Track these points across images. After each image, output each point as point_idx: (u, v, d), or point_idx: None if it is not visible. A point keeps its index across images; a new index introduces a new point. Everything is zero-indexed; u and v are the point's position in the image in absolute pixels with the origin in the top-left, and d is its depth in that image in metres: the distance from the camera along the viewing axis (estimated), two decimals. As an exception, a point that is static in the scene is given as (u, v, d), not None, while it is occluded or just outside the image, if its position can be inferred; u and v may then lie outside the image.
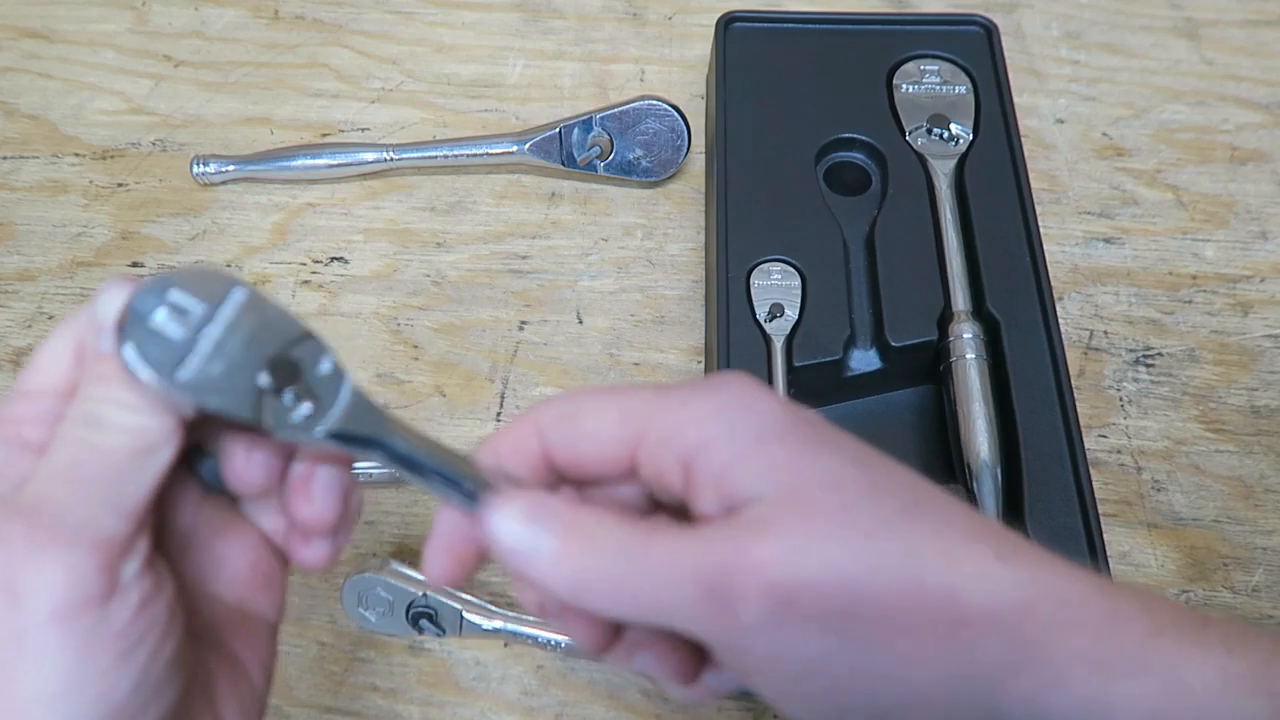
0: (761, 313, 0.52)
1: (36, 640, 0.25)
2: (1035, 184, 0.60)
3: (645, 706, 0.47)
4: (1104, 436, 0.54)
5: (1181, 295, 0.59)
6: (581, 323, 0.59)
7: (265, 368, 0.27)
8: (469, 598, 0.48)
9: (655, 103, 0.60)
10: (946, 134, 0.58)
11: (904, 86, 0.60)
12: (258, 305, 0.28)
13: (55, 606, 0.25)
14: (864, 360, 0.53)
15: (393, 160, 0.63)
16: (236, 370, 0.27)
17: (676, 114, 0.61)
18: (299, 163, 0.63)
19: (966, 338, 0.51)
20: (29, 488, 0.27)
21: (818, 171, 0.58)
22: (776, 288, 0.53)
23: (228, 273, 0.28)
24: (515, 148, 0.62)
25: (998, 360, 0.51)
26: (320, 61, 0.71)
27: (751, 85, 0.60)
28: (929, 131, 0.58)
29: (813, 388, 0.52)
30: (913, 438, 0.53)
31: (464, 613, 0.47)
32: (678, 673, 0.31)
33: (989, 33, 0.62)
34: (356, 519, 0.32)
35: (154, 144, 0.67)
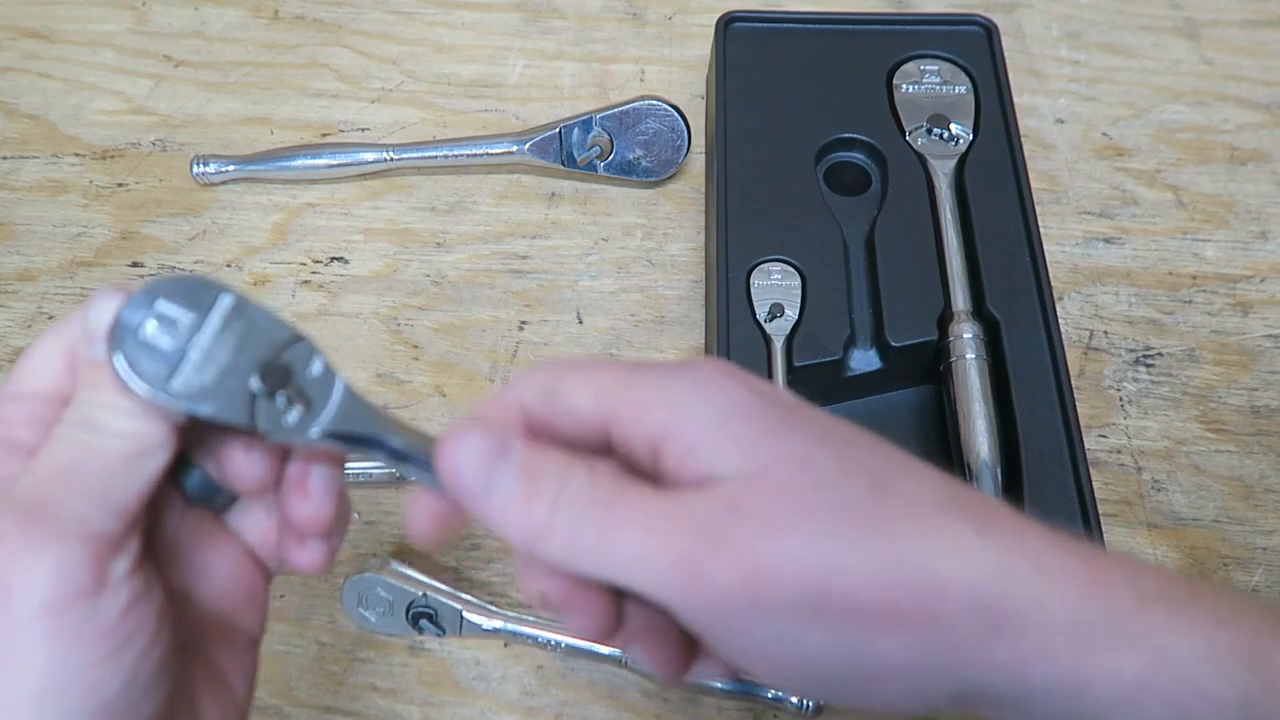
0: (761, 313, 0.52)
1: (25, 634, 0.25)
2: (1035, 184, 0.60)
3: (645, 706, 0.47)
4: (1104, 436, 0.54)
5: (1181, 295, 0.59)
6: (581, 323, 0.59)
7: (256, 372, 0.28)
8: (469, 598, 0.48)
9: (655, 103, 0.60)
10: (946, 134, 0.58)
11: (904, 86, 0.60)
12: (245, 311, 0.28)
13: (44, 600, 0.25)
14: (864, 360, 0.53)
15: (393, 160, 0.63)
16: (228, 376, 0.27)
17: (676, 114, 0.61)
18: (299, 163, 0.63)
19: (966, 338, 0.51)
20: (20, 484, 0.27)
21: (818, 171, 0.58)
22: (776, 288, 0.53)
23: (214, 280, 0.28)
24: (515, 148, 0.62)
25: (998, 360, 0.51)
26: (320, 61, 0.71)
27: (751, 85, 0.60)
28: (929, 131, 0.58)
29: (813, 388, 0.52)
30: (913, 438, 0.53)
31: (464, 613, 0.47)
32: (668, 663, 0.30)
33: (989, 33, 0.62)
34: (349, 522, 0.32)
35: (154, 144, 0.67)
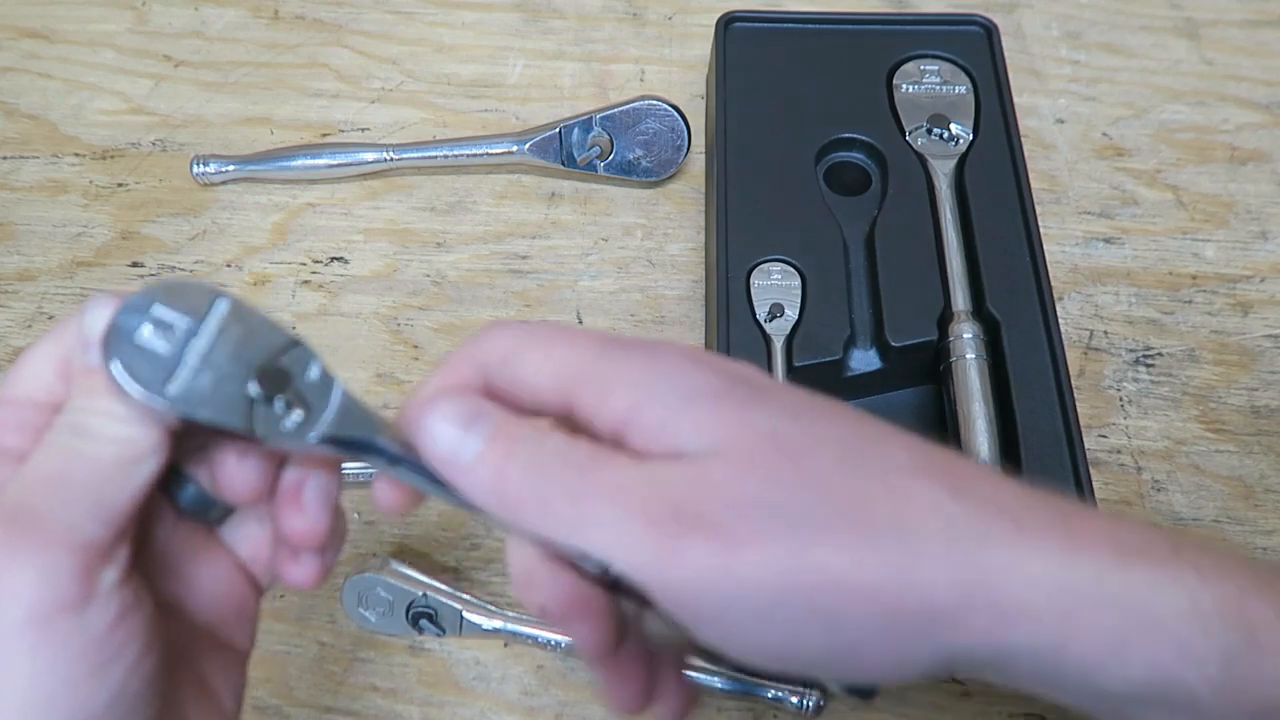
0: (761, 313, 0.52)
1: (10, 645, 0.25)
2: (1035, 184, 0.60)
3: (645, 706, 0.47)
4: (1104, 436, 0.54)
5: (1181, 295, 0.59)
6: (581, 323, 0.59)
7: (254, 377, 0.27)
8: (469, 598, 0.48)
9: (655, 103, 0.60)
10: (946, 134, 0.58)
11: (904, 86, 0.60)
12: (242, 315, 0.28)
13: (30, 610, 0.25)
14: (864, 360, 0.53)
15: (393, 160, 0.63)
16: (225, 381, 0.27)
17: (676, 114, 0.61)
18: (299, 163, 0.63)
19: (966, 338, 0.51)
20: (7, 491, 0.26)
21: (818, 171, 0.58)
22: (776, 288, 0.53)
23: (210, 284, 0.28)
24: (515, 148, 0.62)
25: (998, 360, 0.51)
26: (320, 61, 0.71)
27: (751, 85, 0.60)
28: (929, 131, 0.58)
29: (813, 388, 0.52)
30: (913, 438, 0.53)
31: (464, 613, 0.47)
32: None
33: (989, 33, 0.62)
34: (344, 537, 0.32)
35: (154, 144, 0.67)
